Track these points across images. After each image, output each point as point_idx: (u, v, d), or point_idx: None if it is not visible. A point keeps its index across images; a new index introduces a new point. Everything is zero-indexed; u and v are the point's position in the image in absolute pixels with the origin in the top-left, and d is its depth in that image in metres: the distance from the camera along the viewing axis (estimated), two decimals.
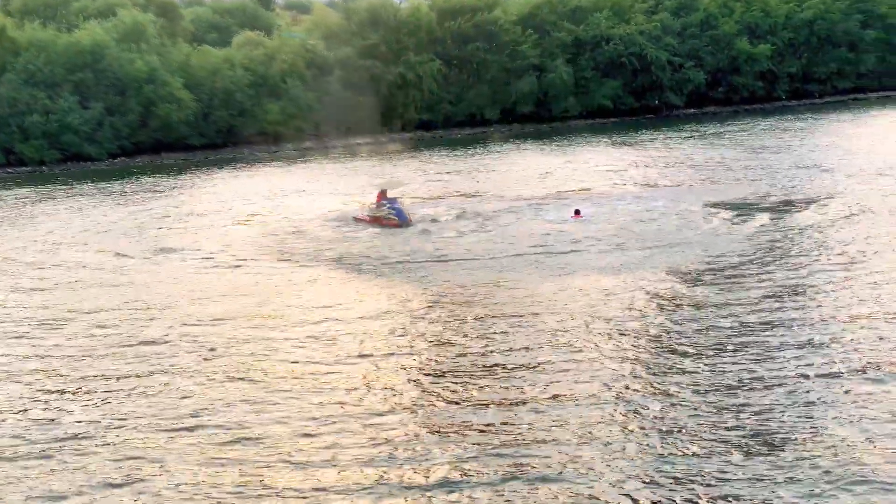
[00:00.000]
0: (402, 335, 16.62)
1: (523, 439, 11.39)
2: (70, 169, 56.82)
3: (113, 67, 61.15)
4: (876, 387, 12.16)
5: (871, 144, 42.34)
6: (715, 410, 11.85)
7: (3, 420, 13.45)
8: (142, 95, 61.15)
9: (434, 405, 12.96)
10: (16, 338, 17.89)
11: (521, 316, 17.01)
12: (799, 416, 11.57)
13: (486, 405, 12.76)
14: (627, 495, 9.93)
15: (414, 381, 14.06)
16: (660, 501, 9.76)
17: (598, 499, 9.94)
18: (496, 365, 14.52)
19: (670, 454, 10.71)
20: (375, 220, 28.56)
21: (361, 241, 26.08)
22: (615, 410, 12.10)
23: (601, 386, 13.02)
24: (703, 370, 13.41)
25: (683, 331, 15.42)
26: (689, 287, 18.39)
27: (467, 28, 73.43)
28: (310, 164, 53.61)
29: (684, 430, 11.33)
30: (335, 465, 11.17)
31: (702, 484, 10.03)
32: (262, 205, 35.78)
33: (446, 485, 10.44)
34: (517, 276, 20.49)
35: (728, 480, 10.07)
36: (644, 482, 10.17)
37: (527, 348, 15.18)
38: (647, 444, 11.04)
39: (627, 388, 12.94)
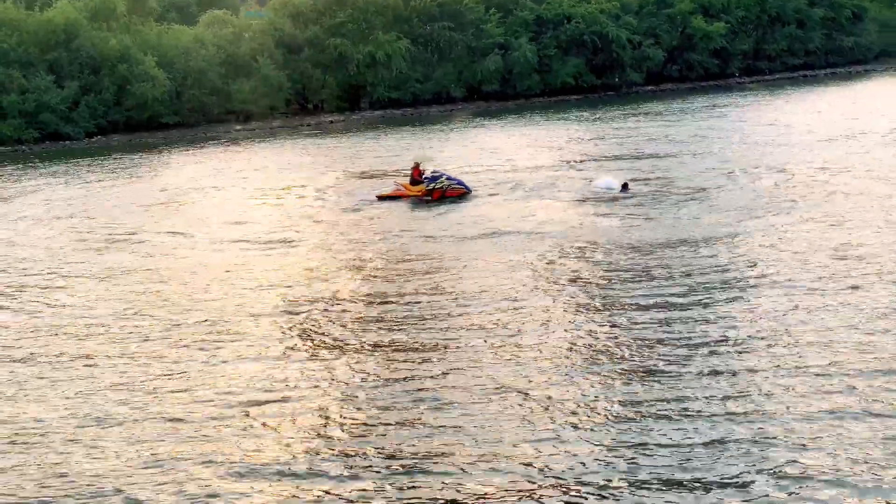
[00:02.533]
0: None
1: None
2: (49, 148, 57.20)
3: (86, 46, 61.56)
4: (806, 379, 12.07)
5: (813, 119, 44.68)
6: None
7: None
8: (116, 74, 61.66)
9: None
10: None
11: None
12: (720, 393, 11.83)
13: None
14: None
15: None
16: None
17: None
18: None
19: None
20: (424, 194, 27.89)
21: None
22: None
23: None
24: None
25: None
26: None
27: (432, 7, 74.81)
28: (288, 142, 54.70)
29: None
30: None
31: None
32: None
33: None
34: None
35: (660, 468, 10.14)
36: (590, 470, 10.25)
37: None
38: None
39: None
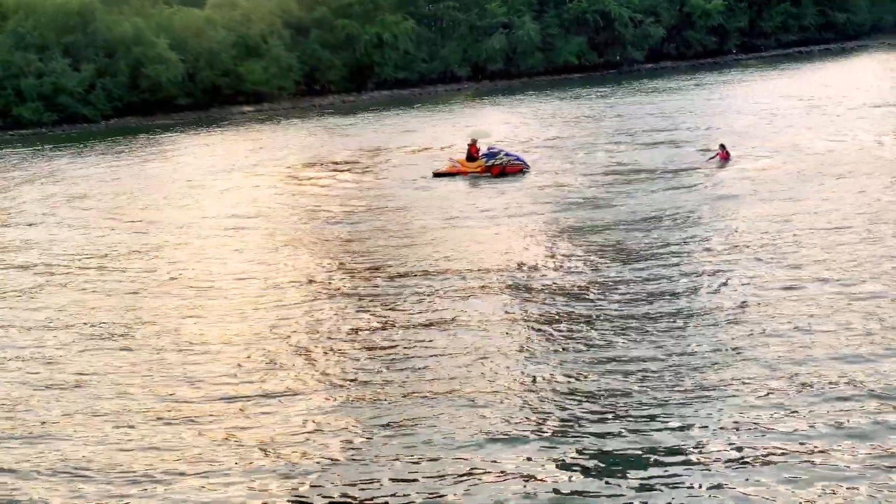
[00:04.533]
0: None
1: None
2: (68, 131, 57.95)
3: (101, 29, 62.22)
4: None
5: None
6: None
7: None
8: (130, 57, 62.39)
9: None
10: None
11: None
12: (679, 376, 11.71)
13: None
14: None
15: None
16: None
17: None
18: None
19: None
20: (483, 170, 28.61)
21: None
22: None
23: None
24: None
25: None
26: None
27: None
28: (309, 122, 55.66)
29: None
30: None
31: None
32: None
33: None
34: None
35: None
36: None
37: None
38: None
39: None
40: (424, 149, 37.38)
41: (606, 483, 9.15)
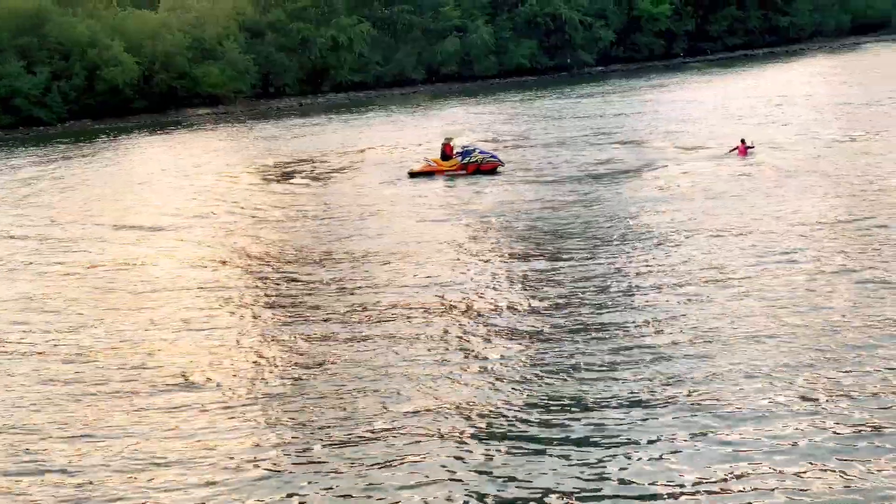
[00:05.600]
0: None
1: None
2: (24, 134, 57.77)
3: (55, 32, 62.09)
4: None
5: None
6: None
7: None
8: (86, 59, 62.29)
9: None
10: None
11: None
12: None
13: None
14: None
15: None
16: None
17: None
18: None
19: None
20: (458, 169, 29.48)
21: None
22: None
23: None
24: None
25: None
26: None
27: None
28: (264, 125, 56.15)
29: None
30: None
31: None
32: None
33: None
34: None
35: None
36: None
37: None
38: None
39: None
40: (392, 149, 38.24)
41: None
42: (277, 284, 17.91)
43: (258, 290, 17.59)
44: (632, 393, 11.28)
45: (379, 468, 9.86)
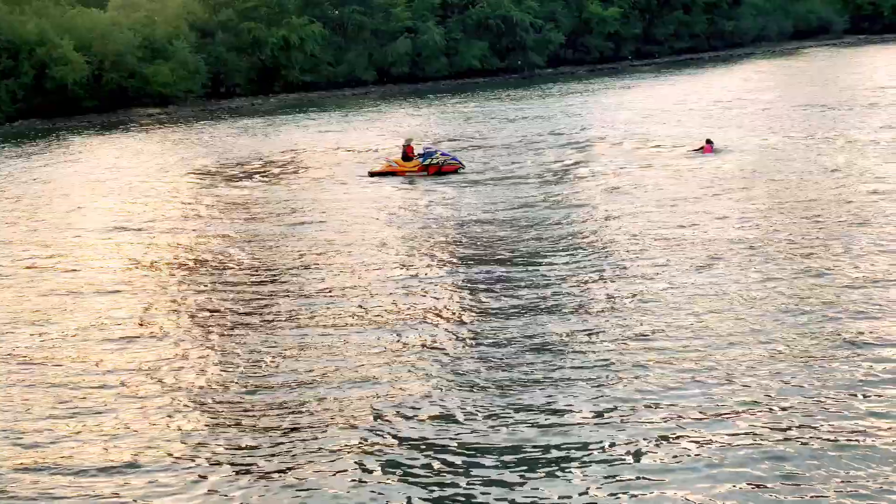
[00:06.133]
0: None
1: None
2: None
3: (3, 30, 61.24)
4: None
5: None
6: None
7: None
8: (35, 58, 61.54)
9: None
10: None
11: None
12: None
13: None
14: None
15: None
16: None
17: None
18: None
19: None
20: (419, 170, 29.98)
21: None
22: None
23: None
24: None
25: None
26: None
27: None
28: (216, 125, 56.04)
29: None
30: None
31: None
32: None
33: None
34: None
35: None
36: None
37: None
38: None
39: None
40: (348, 150, 38.54)
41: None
42: (223, 287, 17.85)
43: (202, 293, 17.54)
44: (583, 400, 11.59)
45: (320, 475, 10.02)
